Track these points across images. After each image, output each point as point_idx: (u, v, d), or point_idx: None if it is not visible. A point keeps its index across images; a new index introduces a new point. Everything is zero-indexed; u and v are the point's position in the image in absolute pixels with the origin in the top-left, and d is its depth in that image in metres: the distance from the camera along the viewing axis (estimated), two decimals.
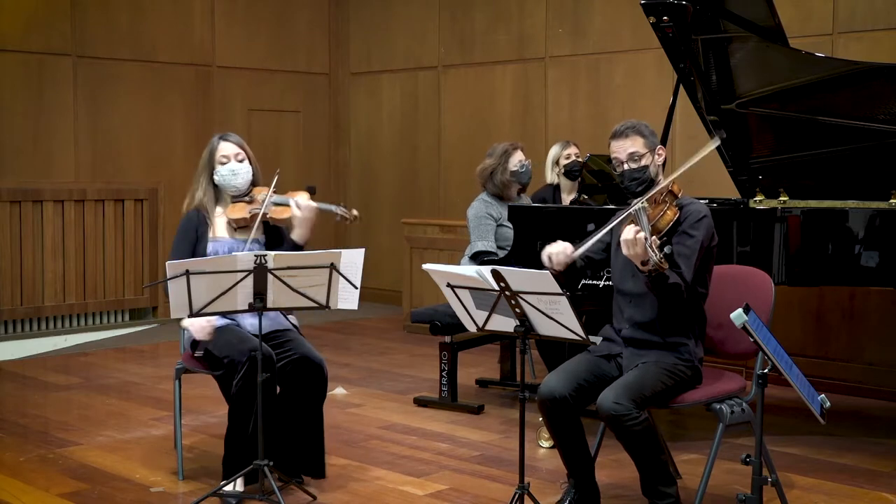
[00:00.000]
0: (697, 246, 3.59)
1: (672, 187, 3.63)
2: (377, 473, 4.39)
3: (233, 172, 4.18)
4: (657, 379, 3.54)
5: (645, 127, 3.76)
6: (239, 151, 4.22)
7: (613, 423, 3.43)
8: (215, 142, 4.25)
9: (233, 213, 4.20)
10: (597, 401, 3.48)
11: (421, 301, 7.58)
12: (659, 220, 3.53)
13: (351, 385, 6.09)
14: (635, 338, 3.69)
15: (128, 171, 8.37)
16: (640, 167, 3.70)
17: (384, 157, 9.54)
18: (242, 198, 4.23)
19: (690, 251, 3.58)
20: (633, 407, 3.41)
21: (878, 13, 6.42)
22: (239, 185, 4.20)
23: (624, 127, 3.75)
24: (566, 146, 6.08)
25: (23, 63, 7.81)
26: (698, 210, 3.65)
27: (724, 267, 4.16)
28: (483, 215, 5.50)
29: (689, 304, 3.63)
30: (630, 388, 3.46)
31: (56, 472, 4.43)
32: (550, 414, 3.62)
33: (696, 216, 3.63)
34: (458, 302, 3.48)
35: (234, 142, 4.25)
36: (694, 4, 4.50)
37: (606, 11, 7.80)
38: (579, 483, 3.72)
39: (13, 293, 7.57)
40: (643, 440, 3.47)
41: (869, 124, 4.61)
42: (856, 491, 4.17)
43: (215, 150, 4.21)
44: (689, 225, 3.61)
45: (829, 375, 5.82)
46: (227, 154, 4.20)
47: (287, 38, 9.41)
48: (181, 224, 4.23)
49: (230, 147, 4.22)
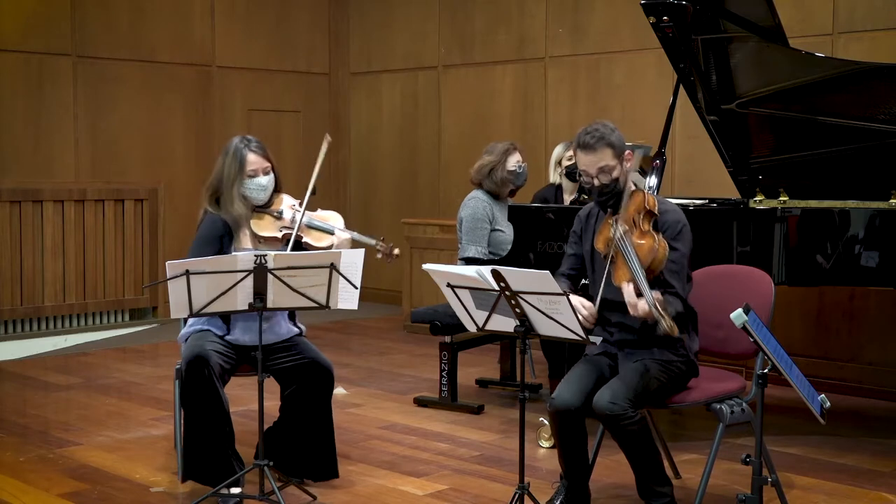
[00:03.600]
0: (685, 260, 3.59)
1: (647, 204, 3.54)
2: (377, 473, 4.39)
3: (261, 188, 4.09)
4: (652, 376, 3.54)
5: (612, 132, 3.60)
6: (266, 164, 4.10)
7: (610, 422, 3.44)
8: (242, 151, 4.07)
9: (261, 228, 4.08)
10: (593, 401, 3.48)
11: (421, 301, 7.58)
12: (654, 260, 3.44)
13: (351, 385, 6.10)
14: (628, 340, 3.69)
15: (128, 171, 8.37)
16: (612, 180, 3.59)
17: (384, 157, 9.54)
18: (267, 209, 4.13)
19: (679, 266, 3.57)
20: (629, 406, 3.41)
21: (878, 13, 6.42)
22: (265, 199, 4.13)
23: (592, 139, 3.56)
24: (569, 147, 6.07)
25: (23, 63, 7.81)
26: (677, 219, 3.60)
27: (724, 267, 4.17)
28: (480, 217, 5.50)
29: None
30: (626, 388, 3.46)
31: (56, 472, 4.43)
32: (562, 424, 3.61)
33: (675, 227, 3.58)
34: (458, 302, 3.48)
35: (260, 154, 4.09)
36: (694, 4, 4.51)
37: (606, 11, 7.80)
38: (572, 486, 3.73)
39: (13, 293, 7.57)
40: (639, 439, 3.48)
41: (869, 124, 4.61)
42: (856, 491, 4.17)
43: (244, 163, 4.06)
44: (671, 237, 3.55)
45: (829, 375, 5.82)
46: (256, 168, 4.07)
47: (287, 38, 9.41)
48: (205, 228, 4.11)
49: (258, 160, 4.08)
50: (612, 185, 3.60)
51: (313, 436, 4.10)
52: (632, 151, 3.68)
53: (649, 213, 3.56)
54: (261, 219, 4.12)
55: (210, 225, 4.10)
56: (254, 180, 4.08)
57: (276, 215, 4.13)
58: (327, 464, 4.16)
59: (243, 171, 4.07)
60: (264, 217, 4.12)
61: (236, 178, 4.06)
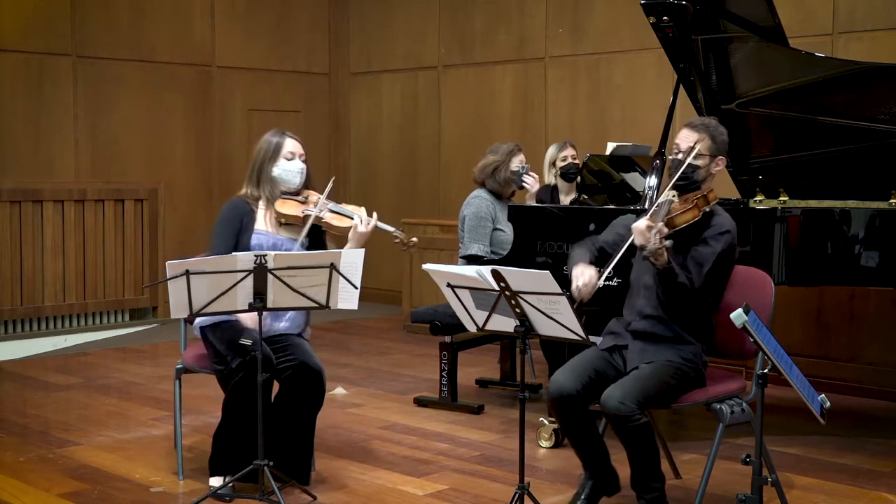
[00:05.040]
0: (713, 257, 3.62)
1: (708, 194, 3.66)
2: (377, 473, 4.39)
3: (297, 171, 4.18)
4: (662, 379, 3.56)
5: (720, 134, 3.75)
6: (303, 152, 4.23)
7: (617, 422, 3.45)
8: (278, 138, 4.20)
9: (284, 207, 4.16)
10: (601, 398, 3.49)
11: (421, 301, 7.58)
12: (677, 217, 3.56)
13: (351, 385, 6.09)
14: (645, 331, 3.70)
15: (128, 171, 8.37)
16: (694, 165, 3.69)
17: (384, 157, 9.54)
18: (294, 196, 4.21)
19: (704, 260, 3.62)
20: (637, 408, 3.43)
21: (878, 13, 6.42)
22: (298, 184, 4.20)
23: (701, 122, 3.77)
24: (563, 147, 6.07)
25: (23, 63, 7.81)
26: (722, 223, 3.69)
27: None
28: (484, 216, 5.51)
29: (697, 310, 3.65)
30: (635, 389, 3.47)
31: (56, 472, 4.43)
32: (561, 410, 3.63)
33: (719, 228, 3.67)
34: (458, 302, 3.48)
35: (298, 140, 4.25)
36: (694, 4, 4.50)
37: (606, 11, 7.80)
38: (595, 473, 3.74)
39: (13, 293, 7.57)
40: (643, 439, 3.50)
41: (869, 124, 4.61)
42: (856, 491, 4.17)
43: (281, 145, 4.18)
44: (712, 235, 3.65)
45: (829, 375, 5.82)
46: (294, 151, 4.19)
47: (287, 38, 9.41)
48: (225, 210, 4.17)
49: (297, 145, 4.21)
50: (691, 170, 3.68)
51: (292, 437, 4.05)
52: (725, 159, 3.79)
53: (705, 198, 3.64)
54: (285, 202, 4.19)
55: (230, 207, 4.19)
56: (291, 162, 4.18)
57: (300, 200, 4.21)
58: (301, 468, 4.09)
59: (279, 153, 4.18)
60: (289, 201, 4.20)
61: (270, 159, 4.18)
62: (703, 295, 3.64)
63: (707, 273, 3.61)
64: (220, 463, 4.02)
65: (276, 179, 4.17)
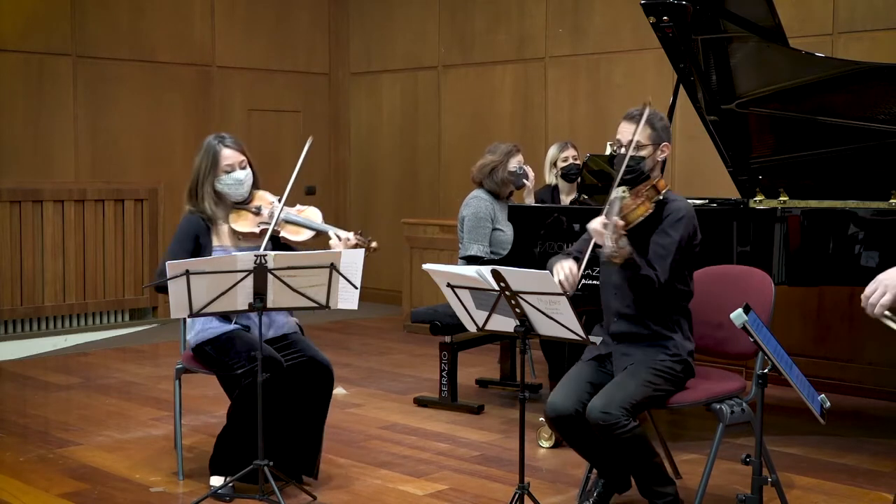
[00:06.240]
0: (674, 246, 3.57)
1: (657, 183, 3.60)
2: (377, 473, 4.39)
3: (238, 182, 4.10)
4: (647, 381, 3.52)
5: (658, 120, 3.69)
6: (242, 158, 4.12)
7: (602, 431, 3.42)
8: (216, 146, 4.10)
9: (239, 224, 4.10)
10: (586, 409, 3.46)
11: (421, 301, 7.58)
12: (630, 213, 3.50)
13: (351, 385, 6.09)
14: (622, 332, 3.68)
15: (128, 171, 8.37)
16: (638, 157, 3.64)
17: (384, 158, 9.54)
18: (246, 205, 4.15)
19: (666, 251, 3.57)
20: (623, 415, 3.38)
21: (878, 13, 6.42)
22: (244, 193, 4.14)
23: (637, 112, 3.67)
24: (564, 148, 6.07)
25: (23, 63, 7.81)
26: (678, 208, 3.62)
27: (723, 267, 4.16)
28: (483, 216, 5.50)
29: (669, 299, 3.63)
30: (619, 396, 3.44)
31: (56, 472, 4.43)
32: (561, 429, 3.62)
33: (676, 215, 3.60)
34: (458, 302, 3.48)
35: (235, 148, 4.12)
36: (694, 4, 4.50)
37: (606, 11, 7.80)
38: (605, 473, 3.74)
39: (13, 293, 7.57)
40: (633, 447, 3.46)
41: (869, 124, 4.61)
42: (856, 491, 4.17)
43: (218, 158, 4.08)
44: (669, 224, 3.59)
45: (829, 375, 5.82)
46: (232, 163, 4.08)
47: (287, 38, 9.41)
48: (181, 227, 4.12)
49: (234, 154, 4.10)
50: (636, 161, 3.63)
51: (303, 433, 4.07)
52: (669, 145, 3.74)
53: (654, 189, 3.59)
54: (239, 215, 4.13)
55: (186, 224, 4.12)
56: (230, 175, 4.09)
57: (254, 211, 4.14)
58: (308, 462, 4.12)
59: (217, 167, 4.08)
60: (242, 213, 4.13)
61: (209, 174, 4.08)
62: (672, 284, 3.60)
63: (671, 263, 3.56)
64: (221, 463, 4.02)
65: (220, 194, 4.11)
